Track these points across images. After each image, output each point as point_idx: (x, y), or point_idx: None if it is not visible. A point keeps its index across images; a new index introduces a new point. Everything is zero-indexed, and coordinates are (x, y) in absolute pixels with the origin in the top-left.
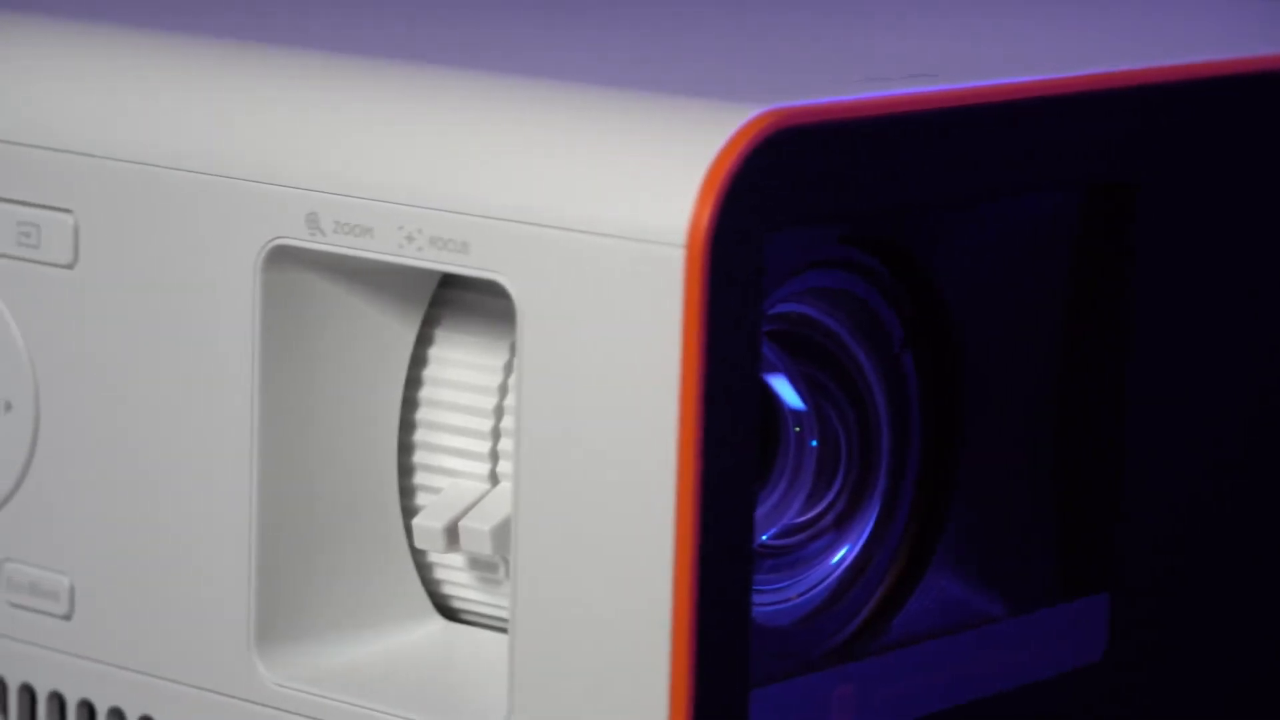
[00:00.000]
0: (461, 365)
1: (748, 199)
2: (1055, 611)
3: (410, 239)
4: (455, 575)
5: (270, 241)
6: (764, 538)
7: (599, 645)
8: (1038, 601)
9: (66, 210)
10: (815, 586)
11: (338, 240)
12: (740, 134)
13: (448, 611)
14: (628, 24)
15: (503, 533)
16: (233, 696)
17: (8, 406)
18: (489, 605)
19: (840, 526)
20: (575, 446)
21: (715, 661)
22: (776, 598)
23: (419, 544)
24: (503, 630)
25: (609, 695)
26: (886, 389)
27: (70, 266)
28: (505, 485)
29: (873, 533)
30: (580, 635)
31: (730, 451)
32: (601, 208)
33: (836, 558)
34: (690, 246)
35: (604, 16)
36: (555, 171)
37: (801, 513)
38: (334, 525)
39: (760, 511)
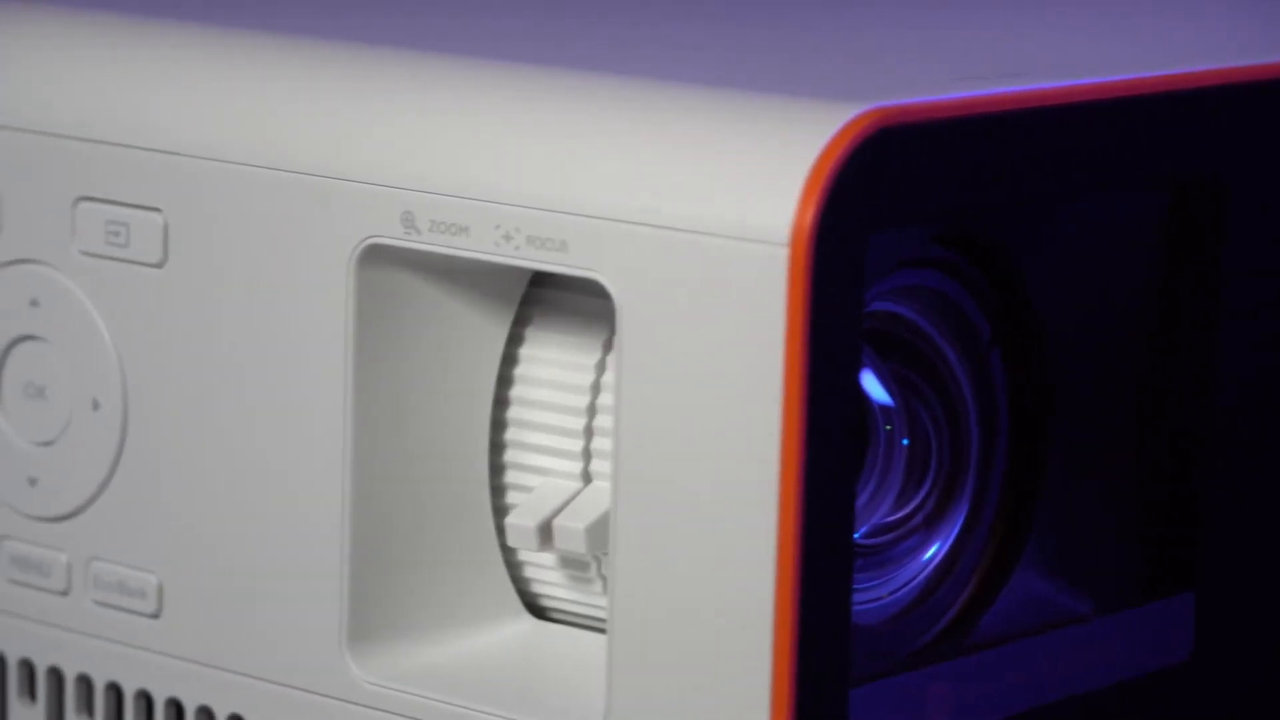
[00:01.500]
0: (554, 364)
1: (850, 198)
2: (1141, 611)
3: (508, 238)
4: (545, 574)
5: (364, 240)
6: (854, 536)
7: (699, 644)
8: (1124, 601)
9: (156, 209)
10: (905, 585)
11: (433, 239)
12: (843, 133)
13: (536, 610)
14: (720, 24)
15: (597, 531)
16: (324, 695)
17: (95, 405)
18: (579, 603)
19: (930, 525)
20: (675, 445)
21: (816, 660)
22: (867, 597)
23: (512, 542)
24: (592, 629)
25: (709, 694)
26: (974, 388)
27: (159, 265)
28: (598, 484)
29: (961, 532)
30: (679, 634)
31: (832, 450)
32: (703, 206)
33: (925, 557)
34: (794, 245)
35: (696, 17)
36: (656, 170)
37: (892, 511)
38: (426, 524)
39: None
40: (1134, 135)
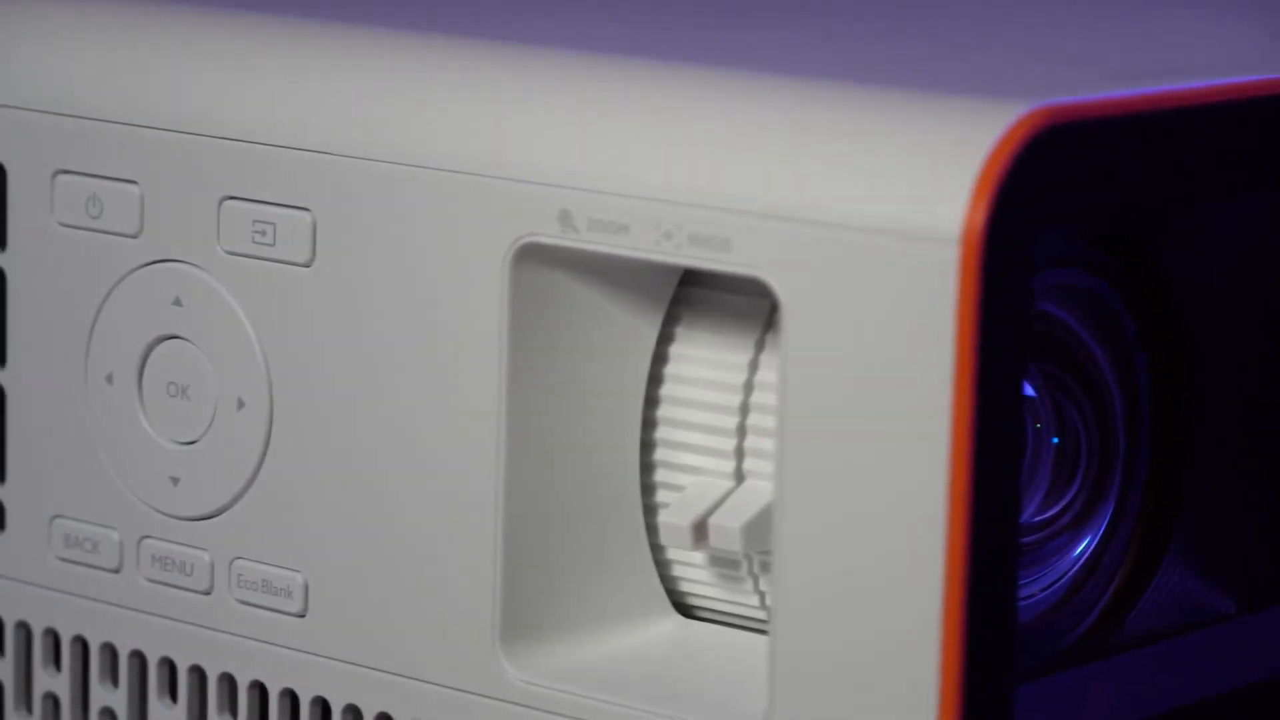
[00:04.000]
0: (706, 363)
1: (1020, 196)
2: None
3: (668, 236)
4: (694, 573)
5: (520, 239)
6: None
7: (863, 642)
8: (1269, 599)
9: (304, 209)
10: (1053, 584)
11: (591, 238)
12: (1012, 131)
13: (682, 608)
14: (880, 23)
15: (752, 530)
16: (476, 694)
17: (240, 404)
18: (729, 602)
19: (1077, 524)
20: (841, 444)
21: (984, 657)
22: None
23: (665, 541)
24: (741, 627)
25: (874, 692)
26: (1121, 386)
27: (307, 265)
28: (752, 483)
29: (1107, 530)
30: (844, 632)
31: (999, 447)
32: (870, 205)
33: (1074, 555)
34: (965, 244)
35: (854, 16)
36: (822, 169)
37: (1040, 510)
38: (577, 522)
39: None
40: None
